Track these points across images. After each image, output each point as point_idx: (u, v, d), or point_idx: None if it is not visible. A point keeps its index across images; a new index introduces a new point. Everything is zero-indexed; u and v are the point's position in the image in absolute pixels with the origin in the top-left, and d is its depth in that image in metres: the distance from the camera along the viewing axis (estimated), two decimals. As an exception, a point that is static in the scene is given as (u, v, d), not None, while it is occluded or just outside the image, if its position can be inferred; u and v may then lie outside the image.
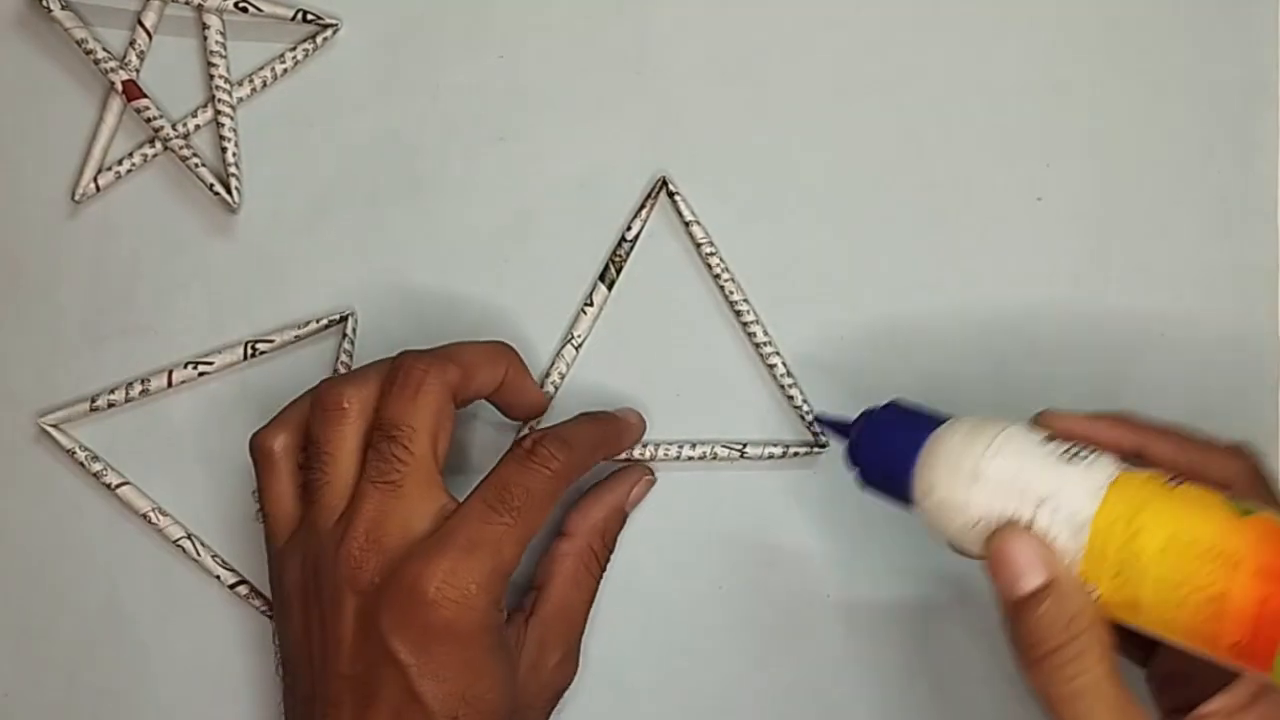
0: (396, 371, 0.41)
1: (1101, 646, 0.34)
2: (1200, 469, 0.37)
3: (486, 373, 0.43)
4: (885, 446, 0.39)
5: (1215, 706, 0.34)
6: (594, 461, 0.44)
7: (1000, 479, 0.35)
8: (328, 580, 0.40)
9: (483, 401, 0.45)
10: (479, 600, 0.39)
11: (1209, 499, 0.34)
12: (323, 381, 0.43)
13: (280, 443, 0.43)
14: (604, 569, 0.46)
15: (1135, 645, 0.39)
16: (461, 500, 0.41)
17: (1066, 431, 0.37)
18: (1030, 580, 0.35)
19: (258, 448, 0.43)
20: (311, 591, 0.41)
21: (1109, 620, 0.35)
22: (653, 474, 0.47)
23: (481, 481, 0.41)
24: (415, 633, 0.39)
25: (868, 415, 0.40)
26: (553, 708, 0.45)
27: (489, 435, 0.48)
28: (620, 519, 0.46)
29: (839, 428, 0.41)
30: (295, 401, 0.44)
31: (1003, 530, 0.35)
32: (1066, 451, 0.36)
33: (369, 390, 0.42)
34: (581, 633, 0.45)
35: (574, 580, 0.45)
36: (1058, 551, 0.35)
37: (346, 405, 0.41)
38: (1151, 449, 0.38)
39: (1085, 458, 0.35)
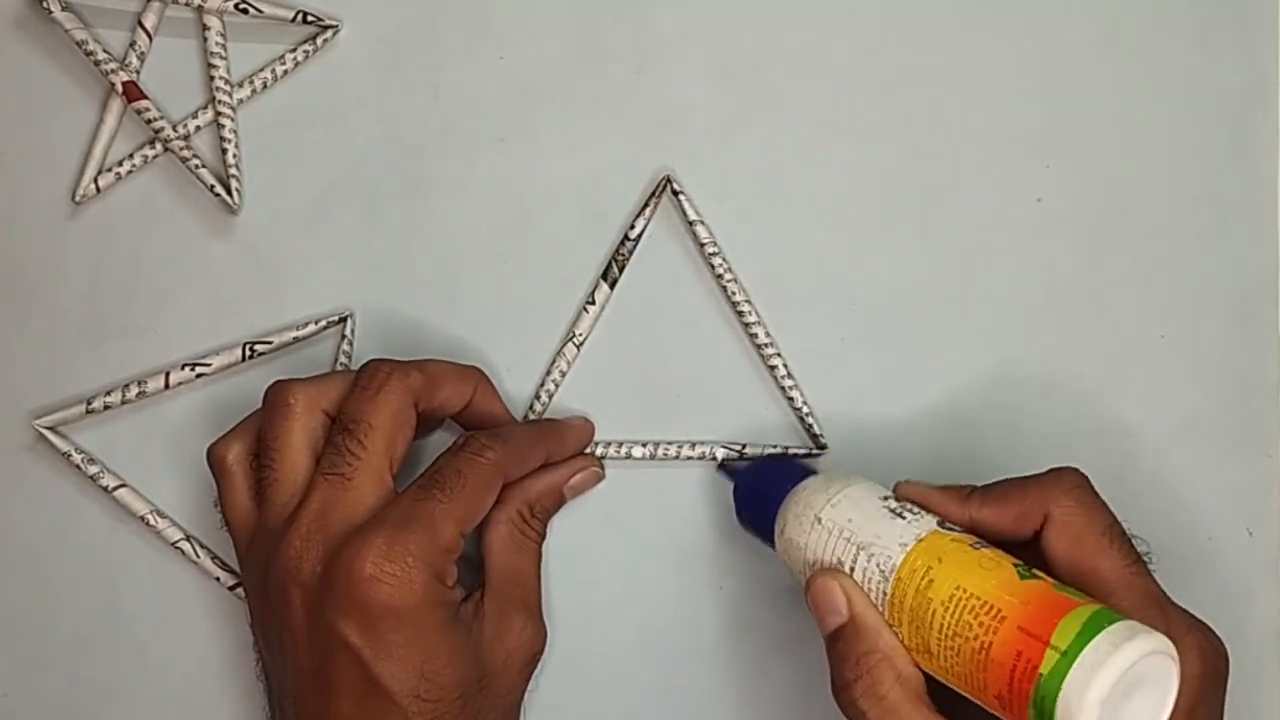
0: (361, 373, 0.43)
1: (895, 677, 0.37)
2: (1022, 522, 0.39)
3: (452, 388, 0.44)
4: (761, 491, 0.43)
5: None
6: (535, 460, 0.45)
7: (834, 526, 0.39)
8: (274, 577, 0.41)
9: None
10: (417, 574, 0.39)
11: (1000, 561, 0.36)
12: (273, 381, 0.44)
13: (234, 452, 0.44)
14: (541, 536, 0.46)
15: None
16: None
17: (907, 495, 0.40)
18: (834, 619, 0.38)
19: (213, 458, 0.44)
20: (267, 590, 0.42)
21: (914, 663, 0.37)
22: (602, 468, 0.47)
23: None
24: (360, 614, 0.39)
25: (756, 464, 0.46)
26: (528, 675, 0.45)
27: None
28: (555, 497, 0.46)
29: (729, 471, 0.46)
30: (251, 413, 0.45)
31: (821, 572, 0.39)
32: (897, 509, 0.39)
33: (318, 389, 0.43)
34: (538, 597, 0.46)
35: (512, 546, 0.45)
36: (870, 595, 0.38)
37: (292, 401, 0.43)
38: (980, 518, 0.40)
39: (910, 515, 0.39)
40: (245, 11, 0.48)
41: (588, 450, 0.47)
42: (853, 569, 0.38)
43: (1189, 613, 0.38)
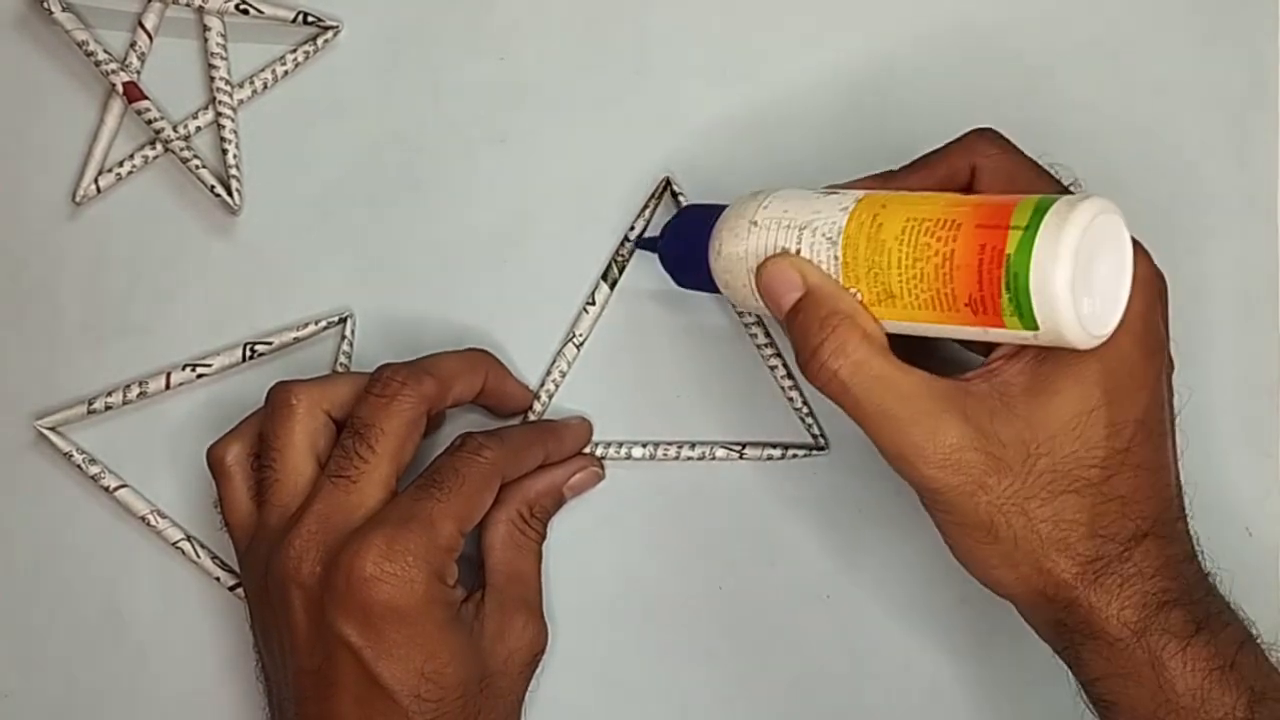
0: (374, 380, 0.43)
1: (860, 335, 0.37)
2: (950, 180, 0.40)
3: (464, 383, 0.44)
4: (686, 235, 0.43)
5: (971, 374, 0.37)
6: (533, 460, 0.45)
7: (770, 220, 0.39)
8: (275, 578, 0.41)
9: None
10: (418, 573, 0.39)
11: (942, 194, 0.37)
12: (275, 382, 0.44)
13: (234, 452, 0.44)
14: (541, 535, 0.46)
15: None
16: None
17: (836, 186, 0.40)
18: (791, 294, 0.38)
19: (212, 459, 0.44)
20: (267, 591, 0.42)
21: (879, 323, 0.37)
22: (602, 468, 0.47)
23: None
24: (361, 613, 0.39)
25: (673, 219, 0.45)
26: (529, 675, 0.45)
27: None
28: (554, 496, 0.46)
29: (650, 242, 0.45)
30: (251, 414, 0.45)
31: (767, 259, 0.39)
32: (829, 190, 0.39)
33: (319, 390, 0.43)
34: (539, 597, 0.46)
35: (513, 545, 0.45)
36: (820, 267, 0.38)
37: (295, 402, 0.43)
38: (909, 185, 0.40)
39: (843, 191, 0.39)
40: (246, 12, 0.48)
41: (587, 450, 0.47)
42: (799, 249, 0.38)
43: None
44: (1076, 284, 0.33)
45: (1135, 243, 0.37)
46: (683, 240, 0.43)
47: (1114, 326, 0.35)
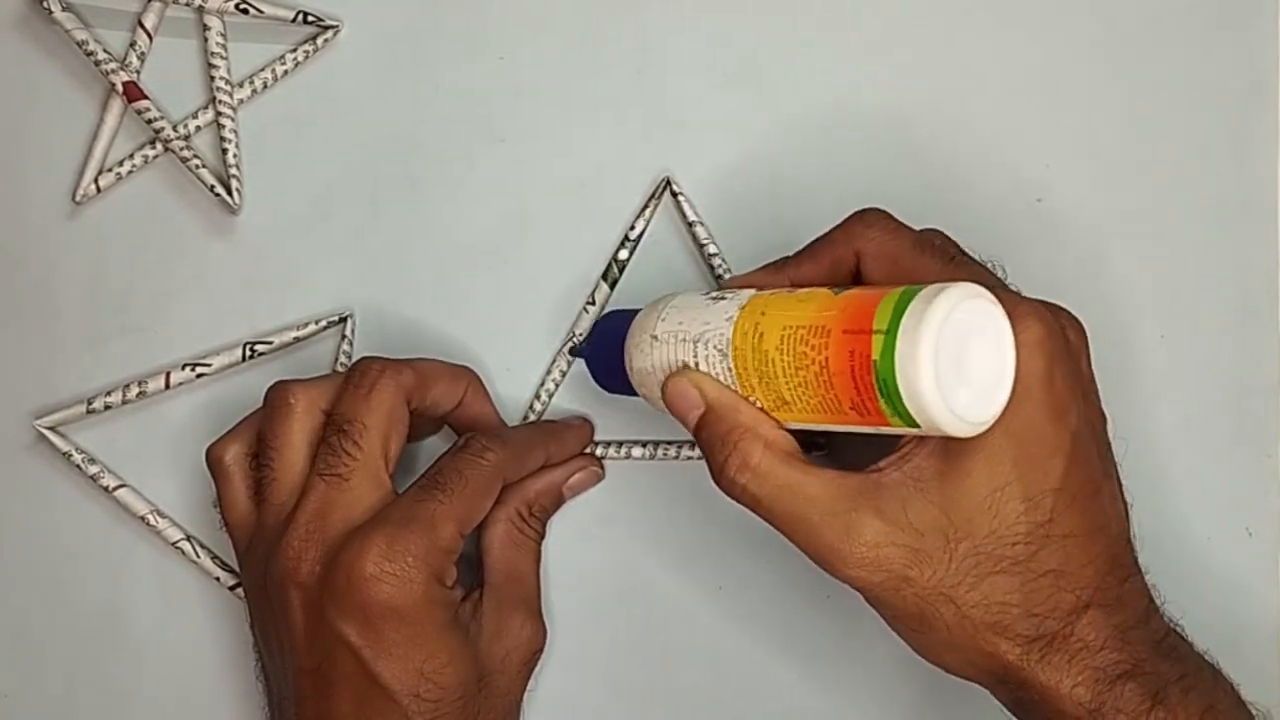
0: (353, 372, 0.43)
1: (762, 446, 0.37)
2: (838, 267, 0.40)
3: (444, 387, 0.44)
4: (606, 346, 0.43)
5: (883, 463, 0.37)
6: (534, 461, 0.45)
7: (668, 335, 0.39)
8: (273, 577, 0.41)
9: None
10: (417, 574, 0.39)
11: (816, 293, 0.36)
12: (273, 382, 0.44)
13: (233, 452, 0.44)
14: (540, 535, 0.46)
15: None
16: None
17: (728, 284, 0.41)
18: (693, 413, 0.38)
19: (211, 459, 0.44)
20: (266, 590, 0.42)
21: (780, 425, 0.37)
22: (602, 468, 0.47)
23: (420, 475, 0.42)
24: (361, 613, 0.39)
25: (592, 329, 0.45)
26: (527, 674, 0.45)
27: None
28: (554, 496, 0.47)
29: (580, 350, 0.46)
30: (249, 414, 0.45)
31: (668, 378, 0.39)
32: (718, 295, 0.39)
33: (317, 390, 0.43)
34: (538, 596, 0.46)
35: (511, 544, 0.45)
36: (719, 379, 0.38)
37: (293, 401, 0.43)
38: (798, 278, 0.40)
39: (731, 295, 0.39)
40: (246, 12, 0.48)
41: (587, 450, 0.47)
42: (697, 363, 0.38)
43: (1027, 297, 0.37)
44: (944, 380, 0.33)
45: (1023, 303, 0.36)
46: (603, 351, 0.44)
47: (998, 409, 0.34)
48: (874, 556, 0.35)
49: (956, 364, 0.33)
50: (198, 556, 0.49)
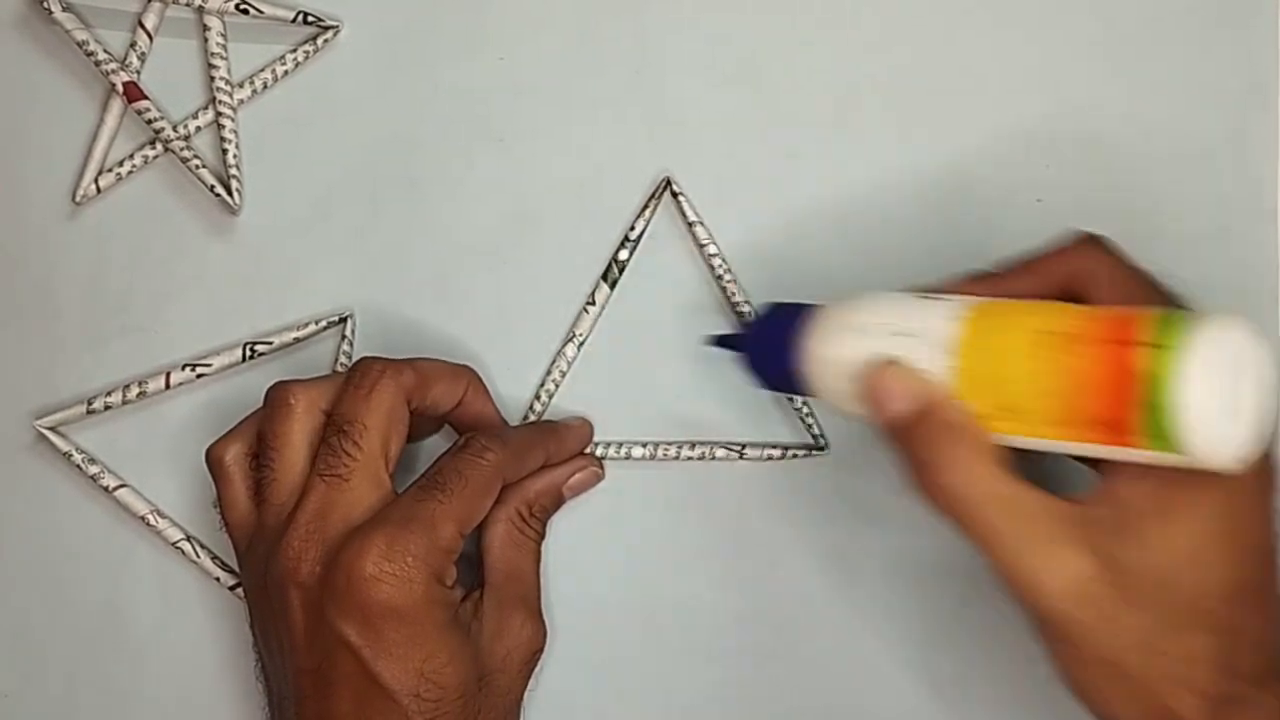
0: (353, 372, 0.43)
1: (977, 450, 0.35)
2: (1059, 282, 0.38)
3: (444, 386, 0.44)
4: (772, 337, 0.41)
5: (1086, 495, 0.35)
6: (534, 462, 0.45)
7: (872, 326, 0.38)
8: (273, 577, 0.41)
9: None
10: (418, 574, 0.39)
11: (1056, 304, 0.36)
12: (274, 382, 0.44)
13: (232, 452, 0.44)
14: (540, 535, 0.46)
15: None
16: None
17: (933, 289, 0.39)
18: (900, 406, 0.36)
19: (211, 459, 0.44)
20: (266, 590, 0.42)
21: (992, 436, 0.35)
22: (602, 468, 0.47)
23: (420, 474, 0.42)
24: (361, 613, 0.39)
25: (756, 317, 0.43)
26: (528, 674, 0.45)
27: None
28: (554, 496, 0.46)
29: (729, 340, 0.44)
30: (250, 414, 0.45)
31: (876, 367, 0.37)
32: (927, 297, 0.38)
33: (318, 390, 0.43)
34: (538, 596, 0.46)
35: (512, 544, 0.45)
36: (930, 377, 0.36)
37: (293, 401, 0.43)
38: (1018, 288, 0.39)
39: (946, 297, 0.38)
40: (246, 12, 0.48)
41: (587, 450, 0.47)
42: (908, 358, 0.37)
43: None
44: (1224, 406, 0.32)
45: None
46: (767, 343, 0.42)
47: (1258, 449, 0.33)
48: (1083, 591, 0.34)
49: (1232, 394, 0.32)
50: (198, 556, 0.49)
